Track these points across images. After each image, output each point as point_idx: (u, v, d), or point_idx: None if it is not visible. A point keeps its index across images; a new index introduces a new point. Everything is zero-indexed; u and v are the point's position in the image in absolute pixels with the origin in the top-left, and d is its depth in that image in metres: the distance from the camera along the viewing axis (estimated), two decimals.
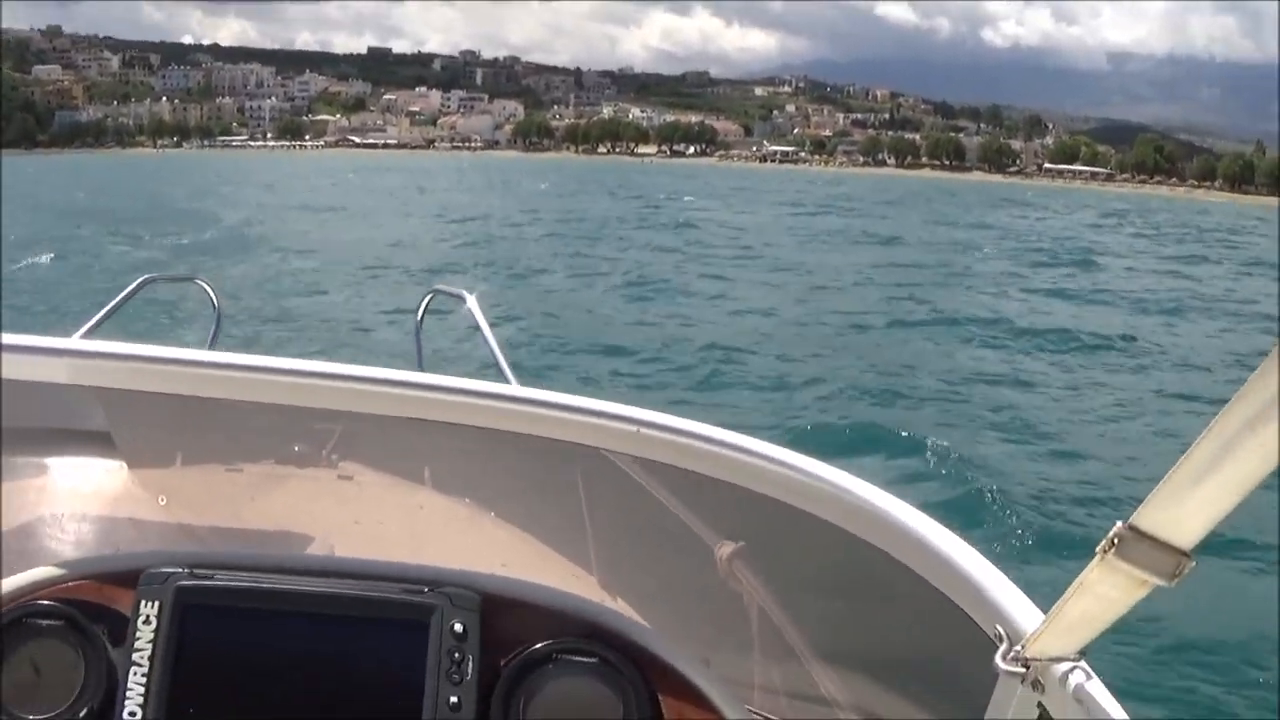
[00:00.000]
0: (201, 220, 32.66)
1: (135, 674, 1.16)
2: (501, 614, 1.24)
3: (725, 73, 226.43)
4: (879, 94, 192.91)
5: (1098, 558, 0.76)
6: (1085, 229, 47.02)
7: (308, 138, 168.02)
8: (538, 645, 1.21)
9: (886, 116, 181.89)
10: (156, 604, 1.19)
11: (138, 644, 1.17)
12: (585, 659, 1.21)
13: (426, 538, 1.75)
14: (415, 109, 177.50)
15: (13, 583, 1.25)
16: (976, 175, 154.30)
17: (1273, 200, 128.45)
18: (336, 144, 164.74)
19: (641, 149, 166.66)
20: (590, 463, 1.48)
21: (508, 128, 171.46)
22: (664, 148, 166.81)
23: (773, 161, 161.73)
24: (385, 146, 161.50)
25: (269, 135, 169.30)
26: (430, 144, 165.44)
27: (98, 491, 1.77)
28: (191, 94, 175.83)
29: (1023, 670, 0.92)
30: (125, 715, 1.15)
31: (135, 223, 30.72)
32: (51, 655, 1.19)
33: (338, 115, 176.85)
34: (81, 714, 1.18)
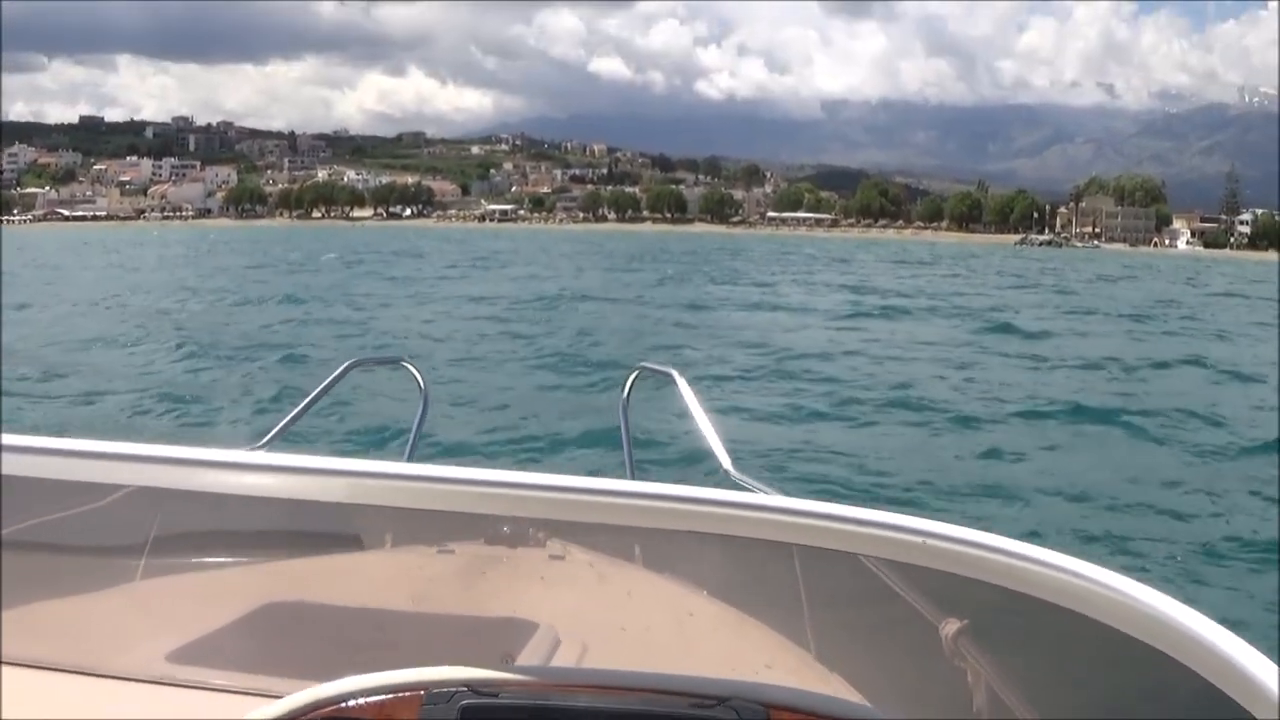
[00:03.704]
0: None
1: None
2: None
3: (442, 133, 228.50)
4: (596, 149, 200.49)
5: None
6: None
7: (15, 212, 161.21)
8: None
9: (605, 171, 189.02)
10: None
11: None
12: None
13: (683, 642, 1.77)
14: (126, 178, 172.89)
15: (294, 700, 1.23)
16: (699, 226, 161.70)
17: (1007, 237, 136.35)
18: (45, 217, 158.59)
19: (357, 212, 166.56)
20: (810, 560, 1.48)
21: (220, 195, 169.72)
22: (380, 210, 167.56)
23: (492, 221, 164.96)
24: (95, 218, 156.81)
25: None
26: (140, 214, 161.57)
27: (354, 600, 1.81)
28: None
29: None
30: None
31: None
32: None
33: (47, 187, 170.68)
34: None
